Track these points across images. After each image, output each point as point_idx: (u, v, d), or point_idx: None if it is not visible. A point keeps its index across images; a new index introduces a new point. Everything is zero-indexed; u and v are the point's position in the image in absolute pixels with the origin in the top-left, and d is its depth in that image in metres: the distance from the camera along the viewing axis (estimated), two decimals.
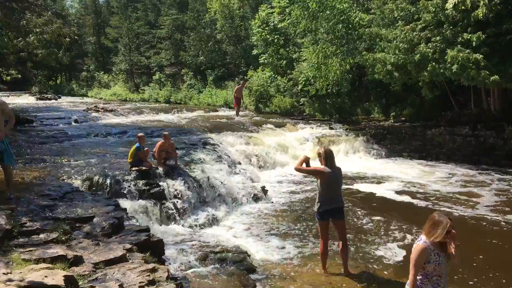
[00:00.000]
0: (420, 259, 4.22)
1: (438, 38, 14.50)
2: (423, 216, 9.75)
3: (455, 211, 10.13)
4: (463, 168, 14.74)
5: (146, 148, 10.33)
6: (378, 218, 9.72)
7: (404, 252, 7.83)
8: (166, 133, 11.17)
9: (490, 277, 6.75)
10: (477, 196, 11.36)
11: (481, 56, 13.38)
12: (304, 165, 6.88)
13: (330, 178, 6.67)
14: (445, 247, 4.28)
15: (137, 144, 10.07)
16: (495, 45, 13.83)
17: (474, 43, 13.61)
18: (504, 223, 9.22)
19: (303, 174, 7.03)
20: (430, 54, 14.48)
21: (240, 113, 21.98)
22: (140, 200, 9.14)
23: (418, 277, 4.28)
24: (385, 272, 7.04)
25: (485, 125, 15.72)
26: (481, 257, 7.51)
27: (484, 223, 9.26)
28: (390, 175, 13.97)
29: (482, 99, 16.81)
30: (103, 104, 30.36)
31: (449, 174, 14.03)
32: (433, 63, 14.37)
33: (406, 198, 11.31)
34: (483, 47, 13.64)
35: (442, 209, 10.25)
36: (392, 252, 7.86)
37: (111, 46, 50.72)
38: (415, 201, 11.03)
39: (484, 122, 15.87)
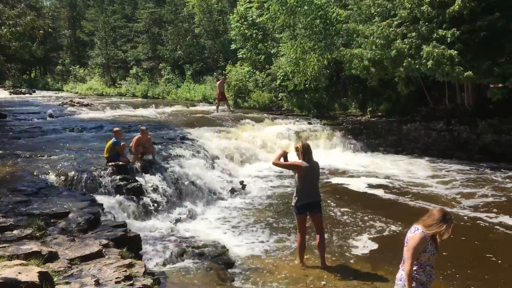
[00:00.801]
0: (419, 248, 4.29)
1: (413, 34, 14.70)
2: (397, 209, 9.98)
3: (429, 204, 10.33)
4: (437, 163, 15.03)
5: (122, 143, 10.22)
6: (355, 211, 9.85)
7: (378, 245, 7.97)
8: (144, 127, 11.08)
9: (458, 271, 6.92)
10: (451, 188, 11.61)
11: (455, 52, 13.62)
12: (282, 159, 6.92)
13: (307, 173, 6.72)
14: (435, 239, 4.39)
15: (113, 139, 9.95)
16: (469, 41, 14.10)
17: (448, 39, 13.84)
18: (481, 220, 9.45)
19: (282, 169, 7.05)
20: (406, 50, 14.68)
21: (220, 107, 21.84)
22: (117, 196, 9.04)
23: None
24: (361, 264, 7.15)
25: (459, 120, 16.03)
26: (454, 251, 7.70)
27: (458, 219, 9.47)
28: (367, 170, 14.15)
29: (456, 95, 17.13)
30: (79, 98, 29.91)
31: (424, 168, 14.29)
32: (409, 59, 14.57)
33: (381, 192, 11.48)
34: (458, 43, 13.89)
35: (418, 202, 10.45)
36: (367, 245, 7.98)
37: (87, 40, 49.86)
38: (390, 195, 11.20)
39: (458, 117, 16.19)
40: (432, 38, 14.28)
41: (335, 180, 12.90)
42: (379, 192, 11.47)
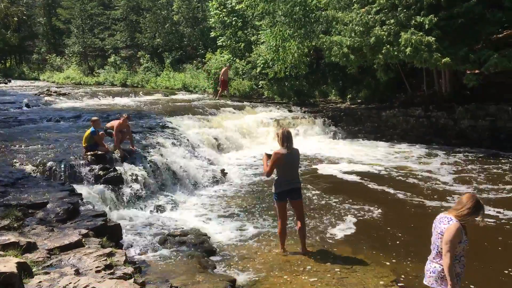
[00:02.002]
0: (457, 240, 4.17)
1: (392, 21, 14.81)
2: (377, 194, 10.13)
3: (408, 191, 10.51)
4: (416, 148, 15.27)
5: (101, 132, 10.10)
6: (335, 197, 9.96)
7: (358, 229, 8.10)
8: (126, 115, 10.98)
9: None
10: (430, 173, 11.82)
11: (433, 39, 13.78)
12: (268, 162, 6.85)
13: (286, 160, 6.74)
14: (465, 228, 4.29)
15: (91, 128, 9.82)
16: (447, 28, 14.26)
17: (426, 26, 13.98)
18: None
19: (263, 156, 7.04)
20: (384, 37, 14.78)
21: (198, 96, 21.72)
22: (96, 185, 8.96)
23: None
24: (341, 248, 7.24)
25: (436, 107, 16.27)
26: None
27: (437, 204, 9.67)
28: (347, 156, 14.29)
29: (434, 81, 17.35)
30: (56, 87, 29.36)
31: (403, 153, 14.50)
32: (388, 46, 14.68)
33: (360, 178, 11.62)
34: (435, 30, 14.04)
35: (398, 188, 10.61)
36: (347, 229, 8.09)
37: (63, 28, 48.77)
38: (369, 181, 11.35)
39: (436, 104, 16.43)
40: (410, 25, 14.41)
41: (315, 166, 13.00)
42: (359, 178, 11.61)
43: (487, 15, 14.02)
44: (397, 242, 7.52)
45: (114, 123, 10.67)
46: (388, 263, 6.63)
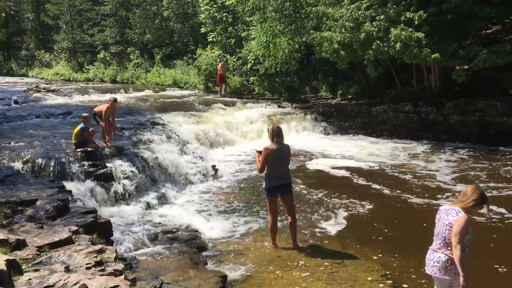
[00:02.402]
0: (466, 231, 4.22)
1: (382, 16, 14.85)
2: (367, 190, 10.17)
3: (397, 187, 10.59)
4: (406, 144, 15.36)
5: (91, 129, 10.04)
6: (325, 192, 10.00)
7: (348, 224, 8.15)
8: (113, 98, 11.00)
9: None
10: (419, 168, 11.90)
11: (422, 34, 13.85)
12: (259, 158, 6.86)
13: (276, 155, 6.75)
14: None
15: (81, 125, 9.75)
16: (436, 24, 14.34)
17: (416, 22, 14.03)
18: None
19: (254, 154, 7.05)
20: (374, 33, 14.83)
21: (189, 92, 21.63)
22: (86, 182, 8.92)
23: None
24: (332, 243, 7.29)
25: (426, 102, 16.35)
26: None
27: (430, 199, 9.76)
28: (337, 152, 14.34)
29: (423, 77, 17.44)
30: (45, 84, 29.08)
31: (393, 149, 14.58)
32: (378, 42, 14.74)
33: (351, 173, 11.66)
34: (425, 26, 14.11)
35: (387, 183, 10.68)
36: (338, 225, 8.14)
37: (52, 24, 48.25)
38: (359, 176, 11.40)
39: (425, 99, 16.50)
40: (400, 21, 14.46)
41: (306, 162, 13.04)
42: (349, 174, 11.66)
43: (476, 11, 14.12)
44: (387, 237, 7.58)
45: (103, 107, 10.69)
46: (377, 258, 6.68)
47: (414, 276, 6.07)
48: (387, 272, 6.19)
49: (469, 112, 15.30)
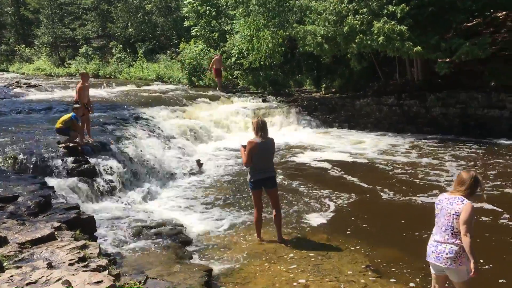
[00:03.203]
0: (473, 218, 4.26)
1: (365, 10, 14.91)
2: (350, 182, 10.23)
3: (381, 179, 10.69)
4: (389, 136, 15.50)
5: (80, 123, 9.98)
6: (310, 185, 10.05)
7: (332, 216, 8.22)
8: (84, 71, 10.98)
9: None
10: (402, 161, 12.03)
11: (405, 27, 13.95)
12: (245, 152, 6.86)
13: (260, 149, 6.76)
14: None
15: (73, 114, 9.68)
16: (418, 16, 14.46)
17: (398, 15, 14.13)
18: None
19: (240, 149, 7.06)
20: (357, 26, 14.88)
21: (173, 86, 21.47)
22: (69, 178, 8.81)
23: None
24: (317, 235, 7.34)
25: (409, 95, 16.51)
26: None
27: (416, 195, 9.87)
28: (322, 145, 14.42)
29: (406, 70, 17.58)
30: (26, 79, 28.61)
31: (377, 142, 14.70)
32: (361, 35, 14.80)
33: (335, 166, 11.73)
34: (407, 19, 14.21)
35: (370, 175, 10.77)
36: (322, 217, 8.20)
37: (32, 18, 47.39)
38: (344, 169, 11.48)
39: (408, 92, 16.66)
40: (383, 14, 14.54)
41: (290, 155, 13.08)
42: (334, 167, 11.73)
43: (457, 4, 14.26)
44: (370, 229, 7.65)
45: (77, 88, 10.57)
46: (361, 250, 6.74)
47: (397, 267, 6.14)
48: (371, 264, 6.26)
49: (451, 105, 15.49)
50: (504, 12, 17.31)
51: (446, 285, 4.69)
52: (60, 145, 9.60)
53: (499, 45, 15.74)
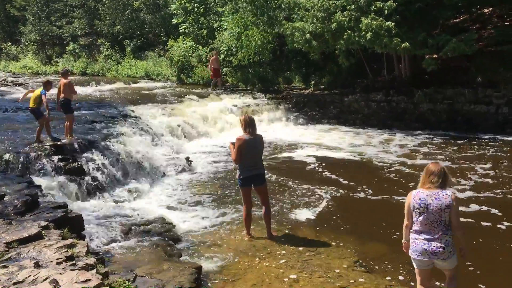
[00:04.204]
0: None
1: (353, 6, 14.96)
2: (341, 180, 10.27)
3: (369, 175, 10.75)
4: (377, 133, 15.59)
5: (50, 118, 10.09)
6: (299, 181, 10.07)
7: (321, 212, 8.26)
8: (63, 70, 10.97)
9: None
10: (391, 157, 12.12)
11: (392, 24, 14.03)
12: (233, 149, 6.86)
13: (249, 145, 6.76)
14: None
15: (42, 89, 9.66)
16: (405, 13, 14.55)
17: (386, 11, 14.21)
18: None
19: (229, 145, 7.06)
20: (345, 23, 14.94)
21: (161, 84, 21.37)
22: (56, 176, 8.73)
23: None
24: (306, 232, 7.37)
25: (397, 91, 16.61)
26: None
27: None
28: (310, 141, 14.46)
29: (394, 66, 17.68)
30: (12, 77, 28.30)
31: (366, 138, 14.78)
32: (349, 31, 14.85)
33: (324, 163, 11.78)
34: (395, 15, 14.29)
35: (359, 173, 10.82)
36: (312, 213, 8.23)
37: (19, 15, 46.82)
38: (333, 166, 11.54)
39: (396, 88, 16.76)
40: (371, 10, 14.60)
41: (280, 152, 13.10)
42: (322, 163, 11.77)
43: (444, 0, 14.37)
44: (359, 225, 7.71)
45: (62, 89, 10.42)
46: (350, 245, 6.78)
47: (385, 262, 6.19)
48: (359, 259, 6.30)
49: (438, 100, 15.62)
50: (490, 8, 17.49)
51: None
52: (46, 144, 9.51)
53: (485, 41, 15.90)
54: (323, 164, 11.69)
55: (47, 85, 9.85)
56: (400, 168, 11.05)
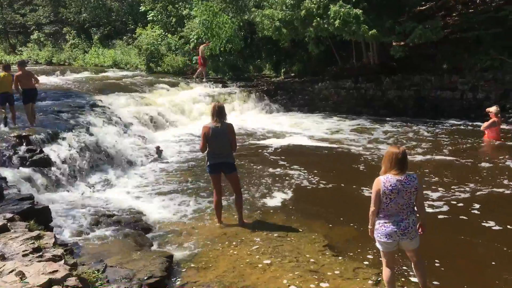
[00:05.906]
0: None
1: None
2: (311, 166, 10.39)
3: (340, 161, 10.90)
4: (347, 119, 15.81)
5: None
6: (269, 169, 10.14)
7: (292, 198, 8.36)
8: (20, 60, 10.74)
9: None
10: (359, 143, 12.31)
11: (360, 11, 14.17)
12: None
13: (214, 133, 6.75)
14: None
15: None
16: (373, 0, 14.70)
17: None
18: None
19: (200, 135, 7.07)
20: (314, 10, 15.00)
21: (130, 73, 21.01)
22: (21, 168, 8.51)
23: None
24: (277, 217, 7.44)
25: (365, 78, 16.85)
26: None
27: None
28: (281, 129, 14.56)
29: (362, 54, 17.89)
30: None
31: (335, 125, 14.97)
32: (318, 19, 14.93)
33: (294, 149, 11.91)
34: (362, 3, 14.44)
35: (328, 158, 10.96)
36: (282, 199, 8.31)
37: None
38: (303, 153, 11.67)
39: (364, 75, 16.99)
40: None
41: (250, 140, 13.15)
42: (293, 150, 11.89)
43: None
44: (328, 210, 7.81)
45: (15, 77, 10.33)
46: (320, 230, 6.88)
47: (354, 246, 6.32)
48: (329, 243, 6.40)
49: (405, 87, 15.93)
50: None
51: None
52: (13, 134, 9.27)
53: (451, 28, 16.25)
54: (294, 151, 11.80)
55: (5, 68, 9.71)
56: (367, 155, 11.24)
